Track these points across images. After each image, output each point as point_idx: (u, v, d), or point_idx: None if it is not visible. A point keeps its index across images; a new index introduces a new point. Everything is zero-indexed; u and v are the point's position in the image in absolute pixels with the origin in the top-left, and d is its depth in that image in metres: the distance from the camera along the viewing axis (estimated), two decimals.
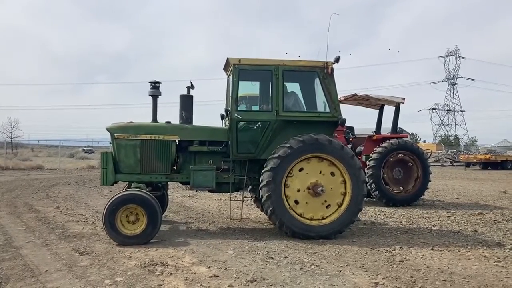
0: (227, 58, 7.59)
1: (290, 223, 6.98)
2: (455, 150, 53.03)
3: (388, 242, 6.90)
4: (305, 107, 7.88)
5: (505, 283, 4.92)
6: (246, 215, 9.56)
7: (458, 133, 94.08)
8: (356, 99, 12.74)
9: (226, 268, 5.33)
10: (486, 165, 35.74)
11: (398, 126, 13.78)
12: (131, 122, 7.61)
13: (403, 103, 12.74)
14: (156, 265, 5.42)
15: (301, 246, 6.52)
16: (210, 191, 7.78)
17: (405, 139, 12.49)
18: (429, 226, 8.49)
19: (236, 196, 8.02)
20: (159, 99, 7.89)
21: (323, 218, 7.15)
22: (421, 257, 6.00)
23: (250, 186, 7.94)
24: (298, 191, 7.11)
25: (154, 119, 7.86)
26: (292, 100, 7.83)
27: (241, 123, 7.42)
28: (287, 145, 7.04)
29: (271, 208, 6.95)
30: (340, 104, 11.64)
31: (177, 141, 7.63)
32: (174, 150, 7.56)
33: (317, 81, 7.63)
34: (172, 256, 5.88)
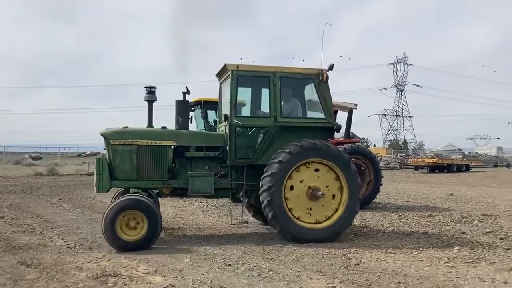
0: (225, 64, 7.63)
1: (290, 227, 7.09)
2: (404, 154, 54.84)
3: (344, 245, 6.99)
4: (301, 113, 8.02)
5: (455, 283, 5.08)
6: (203, 222, 9.44)
7: (406, 137, 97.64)
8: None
9: (182, 277, 5.20)
10: (434, 168, 37.19)
11: (351, 131, 14.11)
12: (126, 127, 7.45)
13: (356, 108, 13.04)
14: (109, 275, 5.22)
15: (258, 252, 6.49)
16: (207, 196, 7.82)
17: (357, 143, 12.78)
18: (382, 228, 8.69)
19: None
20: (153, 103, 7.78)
21: (321, 222, 7.32)
22: (376, 260, 6.11)
23: (241, 192, 7.93)
24: (298, 195, 7.24)
25: (150, 124, 7.79)
26: (289, 106, 7.93)
27: (240, 129, 7.50)
28: (287, 150, 7.15)
29: (272, 213, 7.01)
30: None
31: (173, 147, 7.56)
32: (171, 155, 7.52)
33: (312, 88, 7.78)
34: (126, 266, 5.69)
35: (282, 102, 7.63)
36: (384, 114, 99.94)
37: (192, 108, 17.51)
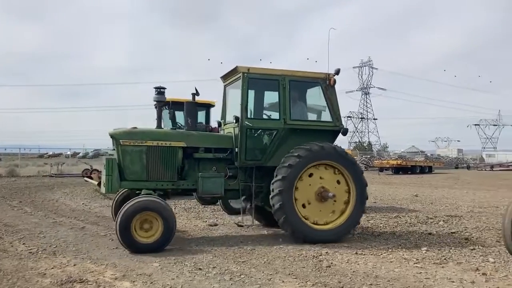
0: (236, 66, 7.68)
1: (302, 230, 7.20)
2: (369, 156, 55.84)
3: (315, 247, 6.98)
4: (309, 116, 8.19)
5: (425, 284, 5.15)
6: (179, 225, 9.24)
7: (371, 139, 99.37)
8: None
9: (152, 282, 5.06)
10: (398, 170, 38.01)
11: None
12: (135, 127, 7.38)
13: (324, 110, 13.11)
14: (74, 282, 5.02)
15: (229, 255, 6.40)
16: (217, 198, 7.96)
17: None
18: (352, 230, 8.74)
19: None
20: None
21: (330, 222, 7.46)
22: (347, 262, 6.13)
23: (244, 196, 7.97)
24: (307, 198, 7.36)
25: (159, 125, 7.80)
26: (298, 109, 8.02)
27: (250, 131, 7.55)
28: (296, 154, 7.24)
29: (284, 217, 7.09)
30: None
31: (182, 148, 7.52)
32: (180, 156, 7.51)
33: (320, 91, 7.92)
34: (93, 271, 5.48)
35: (291, 105, 7.70)
36: (350, 117, 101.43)
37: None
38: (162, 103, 7.88)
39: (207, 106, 17.18)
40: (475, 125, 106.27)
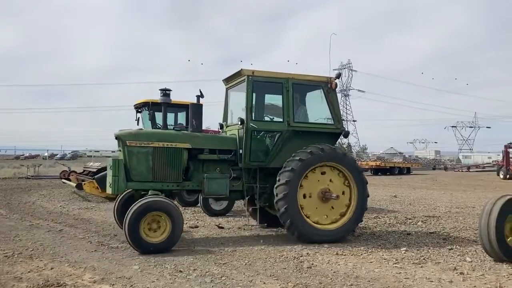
0: (241, 69, 7.78)
1: (307, 231, 7.31)
2: None
3: (296, 248, 7.00)
4: (311, 119, 8.34)
5: (404, 284, 5.20)
6: None
7: (350, 141, 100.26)
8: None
9: (131, 285, 4.99)
10: (377, 171, 38.46)
11: None
12: (141, 129, 7.24)
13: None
14: (51, 285, 4.92)
15: (210, 257, 6.36)
16: (221, 199, 8.06)
17: None
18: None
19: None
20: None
21: (333, 222, 7.60)
22: (328, 262, 6.16)
23: (247, 197, 8.02)
24: (311, 199, 7.50)
25: (164, 126, 7.88)
26: (300, 111, 8.21)
27: (255, 132, 7.67)
28: (297, 157, 7.36)
29: (289, 220, 7.20)
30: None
31: (188, 149, 7.61)
32: (185, 158, 7.60)
33: (321, 94, 8.09)
34: (71, 275, 5.38)
35: (294, 107, 7.85)
36: (330, 118, 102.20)
37: (139, 110, 17.09)
38: (167, 104, 8.05)
39: (187, 107, 17.07)
40: (452, 127, 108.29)
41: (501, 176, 32.50)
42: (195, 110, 8.09)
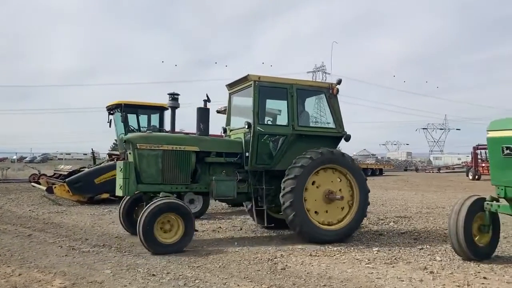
0: (247, 75, 7.99)
1: (308, 228, 7.47)
2: None
3: (270, 250, 7.02)
4: (314, 123, 8.68)
5: (376, 284, 5.28)
6: (123, 230, 9.02)
7: None
8: None
9: None
10: None
11: None
12: (150, 132, 7.69)
13: (279, 114, 13.24)
14: None
15: (184, 261, 6.31)
16: (228, 201, 8.34)
17: None
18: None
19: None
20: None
21: (335, 223, 7.80)
22: (301, 264, 6.19)
23: (253, 197, 8.20)
24: (315, 198, 7.70)
25: (172, 129, 8.11)
26: (304, 116, 8.49)
27: (261, 136, 7.84)
28: (308, 156, 7.59)
29: (293, 214, 7.36)
30: (219, 115, 11.83)
31: (196, 152, 7.81)
32: (194, 160, 7.78)
33: (324, 100, 8.41)
34: (40, 281, 5.25)
35: (298, 112, 8.12)
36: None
37: (112, 112, 16.85)
38: (176, 108, 8.30)
39: (161, 109, 16.93)
40: (423, 129, 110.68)
41: (470, 177, 33.38)
42: (202, 114, 8.37)
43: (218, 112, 12.84)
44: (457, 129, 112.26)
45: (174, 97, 8.17)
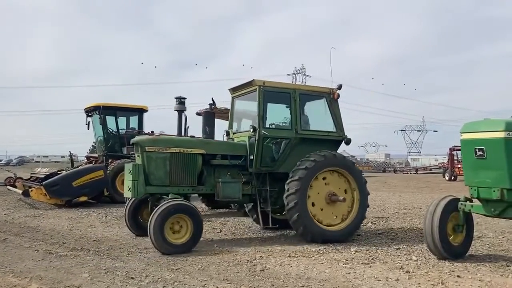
0: (253, 80, 8.17)
1: (311, 229, 7.67)
2: None
3: (249, 252, 7.05)
4: (315, 127, 8.75)
5: (353, 283, 5.36)
6: (102, 233, 8.95)
7: None
8: (216, 112, 12.92)
9: None
10: None
11: None
12: (159, 135, 7.70)
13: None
14: None
15: (163, 263, 6.29)
16: (234, 202, 8.59)
17: None
18: (285, 233, 8.92)
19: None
20: None
21: (337, 223, 8.01)
22: (280, 265, 6.24)
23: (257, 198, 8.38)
24: (318, 199, 7.90)
25: (179, 133, 8.35)
26: (306, 120, 8.68)
27: (266, 139, 8.07)
28: (311, 158, 7.80)
29: (297, 214, 7.55)
30: (199, 117, 11.83)
31: (202, 155, 8.00)
32: (200, 163, 7.97)
33: (325, 104, 8.62)
34: (15, 286, 5.18)
35: (301, 116, 8.36)
36: (284, 123, 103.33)
37: (90, 114, 16.68)
38: (182, 112, 8.59)
39: (140, 111, 16.83)
40: (401, 130, 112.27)
41: (447, 178, 34.06)
42: (207, 118, 8.68)
43: (198, 114, 12.84)
44: (434, 131, 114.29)
45: (181, 100, 8.54)
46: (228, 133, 9.14)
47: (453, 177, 32.92)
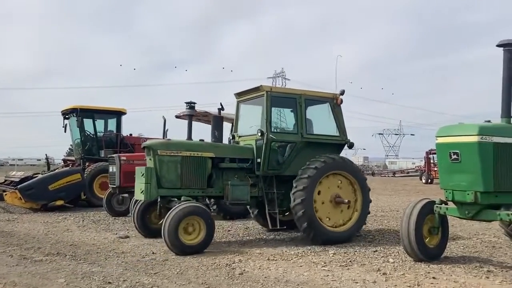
0: (261, 85, 8.40)
1: (321, 233, 7.94)
2: None
3: (228, 255, 7.04)
4: (319, 131, 8.97)
5: (331, 286, 5.42)
6: (79, 238, 8.81)
7: None
8: (195, 115, 12.88)
9: None
10: None
11: None
12: (169, 139, 8.26)
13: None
14: None
15: (141, 267, 6.24)
16: (242, 204, 8.65)
17: None
18: (264, 237, 8.95)
19: None
20: None
21: (343, 224, 8.32)
22: (259, 268, 6.26)
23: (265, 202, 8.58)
24: (323, 203, 8.14)
25: (189, 136, 8.58)
26: (310, 124, 8.89)
27: (273, 143, 8.28)
28: (313, 166, 8.00)
29: (306, 223, 7.78)
30: (180, 120, 11.86)
31: (211, 158, 8.20)
32: (209, 166, 8.18)
33: (329, 109, 8.88)
34: None
35: (306, 120, 8.60)
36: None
37: (67, 116, 16.42)
38: (192, 116, 8.90)
39: (118, 114, 16.65)
40: (379, 134, 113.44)
41: (423, 181, 34.56)
42: (216, 122, 8.88)
43: (177, 117, 12.79)
44: (411, 135, 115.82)
45: (191, 105, 8.81)
46: (233, 137, 9.35)
47: (429, 180, 33.41)
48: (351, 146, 9.06)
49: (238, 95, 9.29)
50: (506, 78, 6.19)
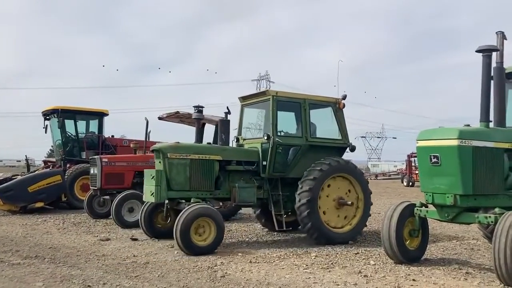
0: (267, 90, 8.68)
1: (325, 234, 8.18)
2: None
3: (210, 258, 7.01)
4: (322, 134, 9.19)
5: None
6: (58, 240, 8.68)
7: None
8: (178, 117, 12.80)
9: None
10: None
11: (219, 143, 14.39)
12: (178, 142, 8.29)
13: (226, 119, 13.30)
14: None
15: (121, 270, 6.17)
16: (249, 206, 8.99)
17: None
18: (247, 239, 8.95)
19: None
20: None
21: (345, 225, 8.59)
22: (241, 271, 6.24)
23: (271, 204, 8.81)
24: (327, 205, 8.38)
25: (197, 140, 8.72)
26: (314, 128, 9.12)
27: (278, 146, 8.45)
28: (318, 168, 8.22)
29: (311, 223, 8.00)
30: (163, 122, 11.83)
31: (219, 161, 8.39)
32: (217, 169, 8.37)
33: (331, 113, 9.11)
34: None
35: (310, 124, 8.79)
36: (248, 128, 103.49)
37: (48, 117, 16.20)
38: (201, 120, 9.05)
39: (100, 115, 16.49)
40: (362, 137, 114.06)
41: (405, 183, 34.96)
42: (223, 125, 9.01)
43: (160, 118, 12.70)
44: (393, 138, 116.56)
45: (199, 109, 8.99)
46: (238, 140, 9.48)
47: (411, 183, 33.80)
48: (353, 149, 9.26)
49: (243, 99, 9.49)
50: (485, 83, 6.29)
